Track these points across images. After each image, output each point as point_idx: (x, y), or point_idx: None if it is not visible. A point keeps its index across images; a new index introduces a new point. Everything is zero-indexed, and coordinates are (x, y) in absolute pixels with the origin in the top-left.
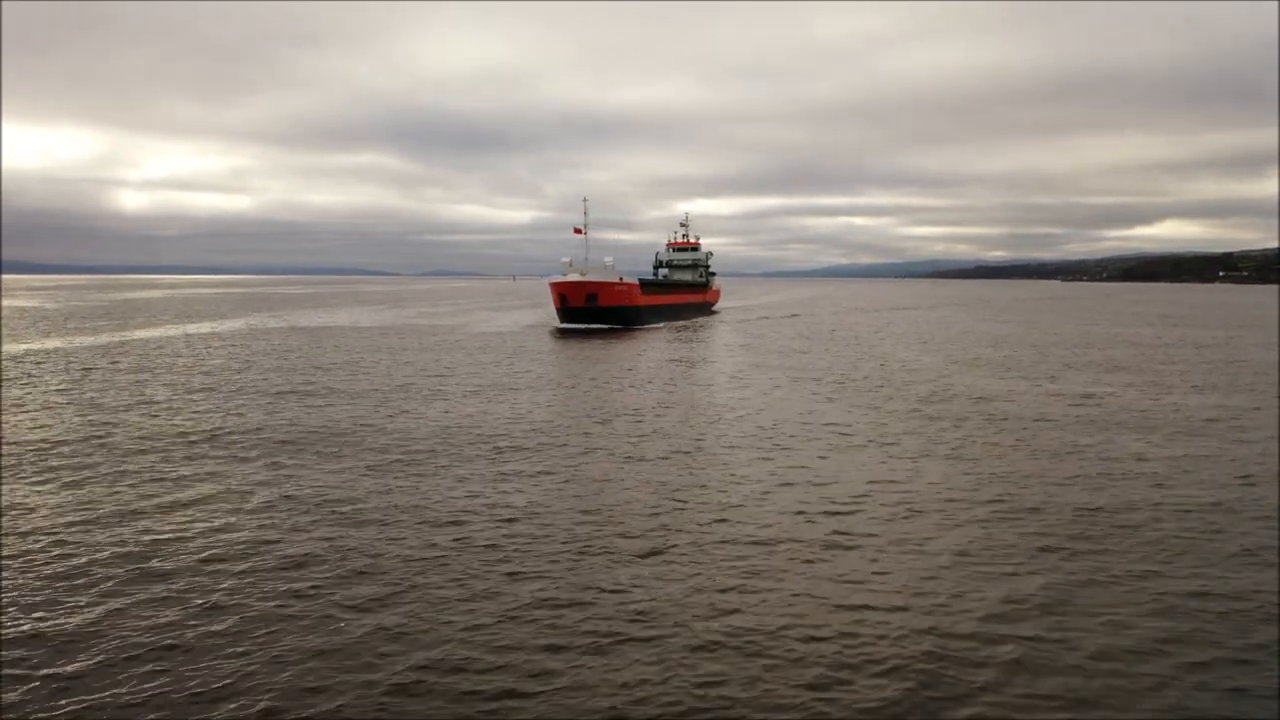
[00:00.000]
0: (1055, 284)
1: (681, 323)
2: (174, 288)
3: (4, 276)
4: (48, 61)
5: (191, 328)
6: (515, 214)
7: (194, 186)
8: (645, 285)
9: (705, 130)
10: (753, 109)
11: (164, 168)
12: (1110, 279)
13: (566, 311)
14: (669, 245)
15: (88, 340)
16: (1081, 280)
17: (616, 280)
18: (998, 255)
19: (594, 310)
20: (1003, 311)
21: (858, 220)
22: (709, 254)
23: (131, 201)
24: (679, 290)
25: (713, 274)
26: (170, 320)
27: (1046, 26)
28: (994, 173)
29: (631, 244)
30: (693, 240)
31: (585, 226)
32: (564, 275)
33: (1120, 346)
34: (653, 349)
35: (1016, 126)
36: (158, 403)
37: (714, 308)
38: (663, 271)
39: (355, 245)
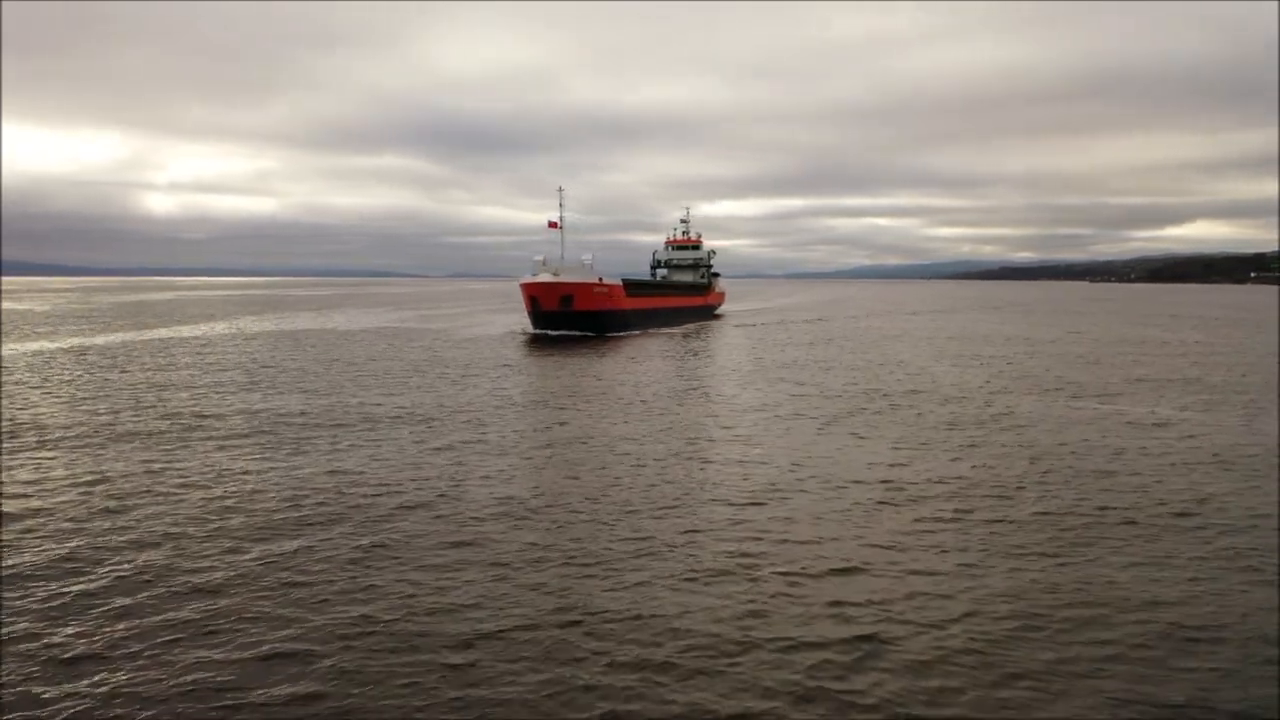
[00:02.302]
0: (1083, 285)
1: (677, 329)
2: (189, 289)
3: (28, 279)
4: (69, 63)
5: (168, 331)
6: (537, 215)
7: (219, 189)
8: (631, 286)
9: (727, 130)
10: (774, 109)
11: (189, 171)
12: (1138, 280)
13: (539, 316)
14: (668, 243)
15: (30, 346)
16: (1110, 281)
17: (595, 281)
18: (1025, 256)
19: (570, 315)
20: (1029, 315)
21: (882, 221)
22: (711, 252)
23: (158, 204)
24: (674, 292)
25: (716, 274)
26: (153, 324)
27: (1072, 25)
28: (1020, 173)
29: (655, 245)
30: (694, 238)
31: (561, 219)
32: (534, 275)
33: (1173, 354)
34: (632, 360)
35: (1042, 126)
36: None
37: (717, 311)
38: (661, 272)
39: (379, 247)
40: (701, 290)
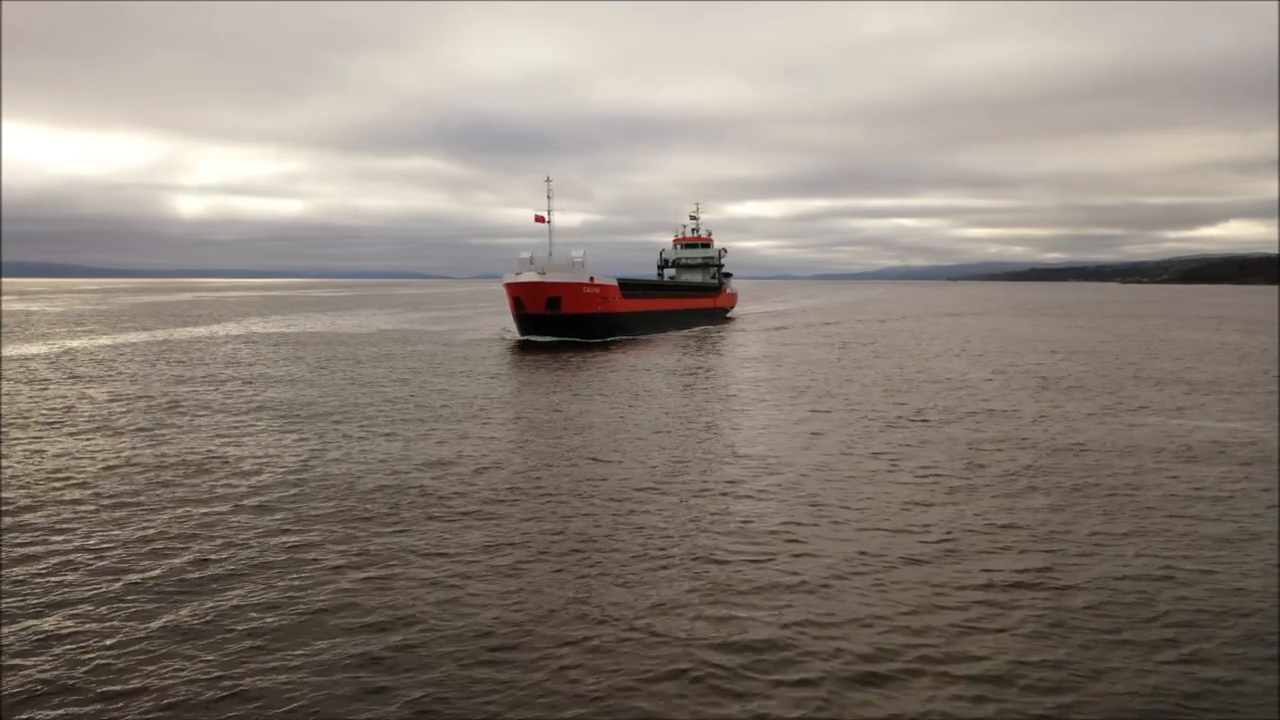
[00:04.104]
0: (1114, 286)
1: (682, 333)
2: (212, 290)
3: (56, 280)
4: (101, 67)
5: (165, 333)
6: (565, 217)
7: (247, 191)
8: (628, 287)
9: (753, 131)
10: (800, 109)
11: (218, 173)
12: (1171, 281)
13: (523, 320)
14: (676, 241)
15: None
16: (1141, 282)
17: (586, 281)
18: (1054, 257)
19: (557, 318)
20: (1068, 318)
21: (909, 222)
22: (723, 250)
23: (187, 207)
24: (678, 293)
25: (728, 274)
26: (155, 325)
27: (1102, 21)
28: (1050, 172)
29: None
30: (704, 235)
31: (549, 212)
32: (518, 274)
33: (1229, 358)
34: (621, 370)
35: (1073, 125)
36: None
37: (729, 314)
38: (669, 272)
39: (406, 249)
40: (711, 291)
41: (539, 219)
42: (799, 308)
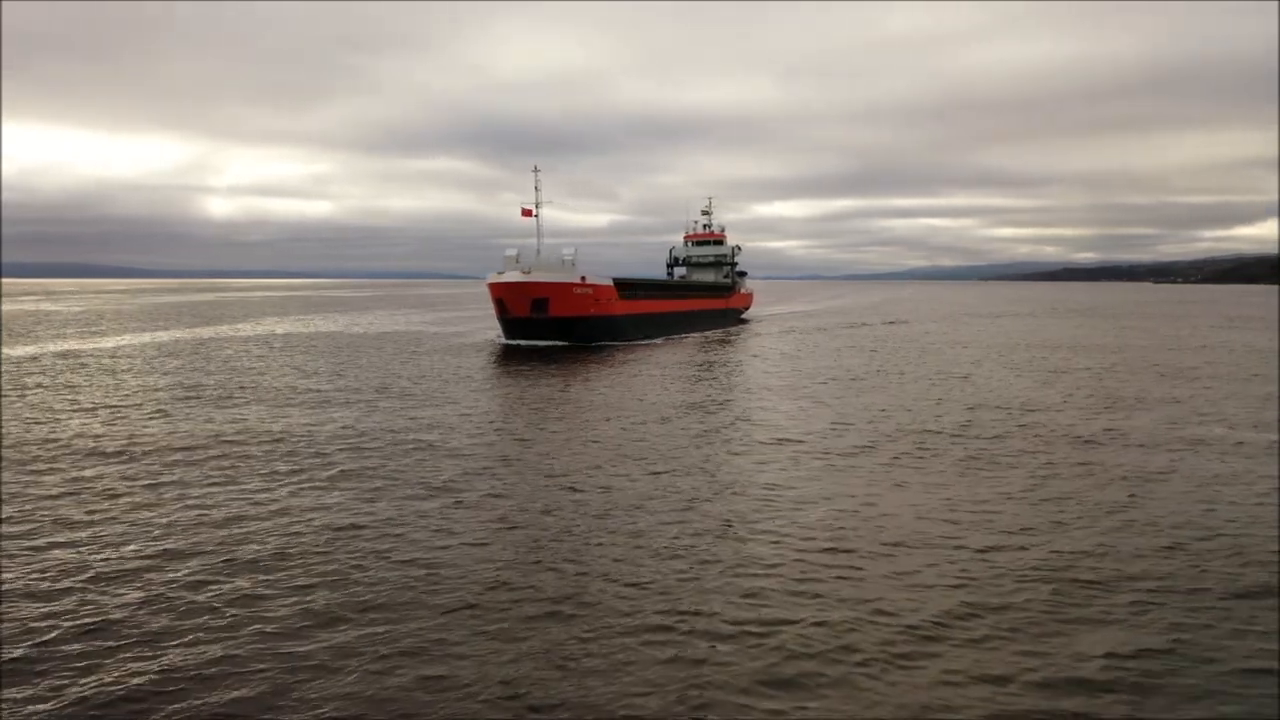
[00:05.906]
0: (1148, 286)
1: (689, 337)
2: (237, 290)
3: (88, 280)
4: (130, 68)
5: (165, 335)
6: (592, 217)
7: (277, 193)
8: (627, 287)
9: (779, 131)
10: (826, 108)
11: (247, 174)
12: (1204, 281)
13: (508, 323)
14: (686, 239)
15: None
16: (1175, 282)
17: (577, 280)
18: (1086, 257)
19: (544, 322)
20: (1110, 320)
21: (937, 222)
22: (736, 248)
23: (217, 208)
24: (685, 293)
25: (742, 274)
26: (156, 326)
27: (1131, 19)
28: (1081, 172)
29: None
30: (716, 232)
31: (537, 205)
32: (500, 274)
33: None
34: (613, 380)
35: (1104, 123)
36: None
37: (743, 315)
38: (679, 270)
39: (432, 249)
40: (723, 291)
41: (526, 213)
42: (822, 309)
